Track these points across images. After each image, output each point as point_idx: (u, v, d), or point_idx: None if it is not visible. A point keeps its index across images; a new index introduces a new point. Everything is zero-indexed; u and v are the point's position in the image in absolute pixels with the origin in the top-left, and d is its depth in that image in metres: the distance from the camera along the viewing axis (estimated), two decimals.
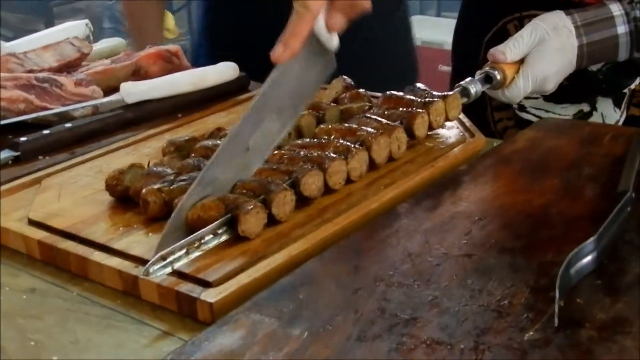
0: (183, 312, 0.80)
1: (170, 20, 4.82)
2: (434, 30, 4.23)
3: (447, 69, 1.64)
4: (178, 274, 0.82)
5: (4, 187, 1.05)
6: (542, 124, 1.19)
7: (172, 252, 0.81)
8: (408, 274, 0.79)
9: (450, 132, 1.14)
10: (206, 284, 0.80)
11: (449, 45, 1.59)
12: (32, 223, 0.95)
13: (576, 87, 1.29)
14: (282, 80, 0.97)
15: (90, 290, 0.86)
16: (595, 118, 1.36)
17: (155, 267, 0.79)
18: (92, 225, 0.93)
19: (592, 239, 0.78)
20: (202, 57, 1.71)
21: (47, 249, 0.91)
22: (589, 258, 0.78)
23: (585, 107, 1.36)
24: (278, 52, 0.93)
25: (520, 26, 1.26)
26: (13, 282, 0.88)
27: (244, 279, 0.81)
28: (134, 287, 0.83)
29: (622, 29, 1.16)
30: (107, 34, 4.17)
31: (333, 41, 0.98)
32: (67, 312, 0.82)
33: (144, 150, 1.16)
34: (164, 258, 0.80)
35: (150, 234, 0.91)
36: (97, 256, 0.87)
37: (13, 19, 5.01)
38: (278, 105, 0.97)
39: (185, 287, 0.80)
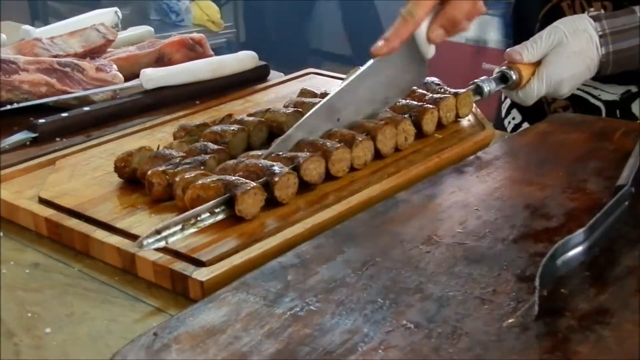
0: (176, 290, 0.82)
1: (215, 12, 4.86)
2: (477, 29, 4.21)
3: (490, 67, 1.63)
4: (174, 253, 0.84)
5: (20, 166, 1.08)
6: (554, 119, 1.18)
7: (167, 227, 0.83)
8: (397, 259, 0.80)
9: (461, 124, 1.14)
10: (200, 264, 0.82)
11: (493, 43, 1.58)
12: (42, 201, 0.98)
13: None
14: (376, 74, 1.07)
15: (91, 267, 0.88)
16: None
17: (149, 240, 0.82)
18: (99, 204, 0.96)
19: (580, 230, 0.78)
20: None
21: (53, 226, 0.93)
22: (579, 249, 0.78)
23: (633, 88, 1.33)
24: (378, 47, 1.04)
25: (573, 6, 1.25)
26: (19, 257, 0.91)
27: (236, 259, 0.82)
28: (131, 264, 0.85)
29: None
30: (154, 26, 4.23)
31: (430, 51, 1.08)
32: (67, 286, 0.85)
33: (158, 135, 1.19)
34: (158, 232, 0.82)
35: (153, 214, 0.93)
36: (99, 234, 0.89)
37: (63, 8, 5.11)
38: (370, 95, 1.08)
39: (179, 266, 0.82)
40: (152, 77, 1.31)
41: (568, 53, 1.14)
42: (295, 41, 5.14)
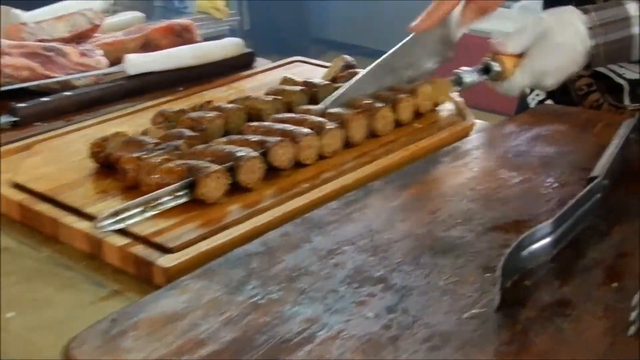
0: (141, 276, 0.81)
1: None
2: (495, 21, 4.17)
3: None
4: (141, 239, 0.84)
5: None
6: (536, 110, 1.17)
7: (126, 209, 0.83)
8: (364, 248, 0.80)
9: (441, 113, 1.14)
10: (167, 250, 0.82)
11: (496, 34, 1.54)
12: (16, 186, 0.98)
13: None
14: (408, 50, 1.17)
15: (60, 252, 0.88)
16: None
17: (108, 221, 0.81)
18: (72, 190, 0.96)
19: (548, 222, 0.77)
20: None
21: (24, 211, 0.93)
22: (546, 241, 0.78)
23: None
24: (415, 24, 1.16)
25: None
26: None
27: (202, 246, 0.82)
28: (98, 249, 0.85)
29: (637, 29, 1.13)
30: (157, 12, 4.21)
31: (459, 33, 1.19)
32: (34, 271, 0.85)
33: (139, 121, 1.18)
34: (117, 214, 0.82)
35: (125, 200, 0.92)
36: (68, 219, 0.89)
37: None
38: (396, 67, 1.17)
39: (145, 252, 0.81)
40: (136, 62, 1.30)
41: (553, 45, 1.12)
42: (300, 30, 5.13)
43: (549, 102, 1.34)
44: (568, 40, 1.12)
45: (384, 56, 1.16)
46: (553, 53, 1.12)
